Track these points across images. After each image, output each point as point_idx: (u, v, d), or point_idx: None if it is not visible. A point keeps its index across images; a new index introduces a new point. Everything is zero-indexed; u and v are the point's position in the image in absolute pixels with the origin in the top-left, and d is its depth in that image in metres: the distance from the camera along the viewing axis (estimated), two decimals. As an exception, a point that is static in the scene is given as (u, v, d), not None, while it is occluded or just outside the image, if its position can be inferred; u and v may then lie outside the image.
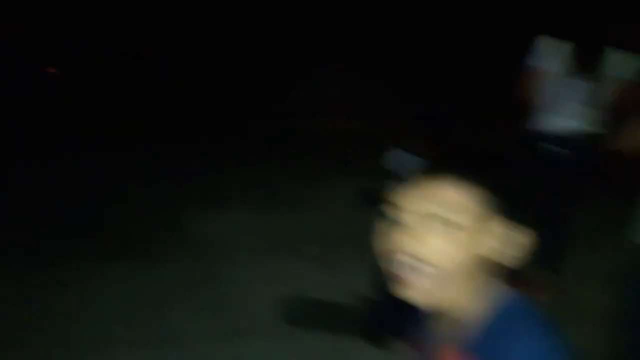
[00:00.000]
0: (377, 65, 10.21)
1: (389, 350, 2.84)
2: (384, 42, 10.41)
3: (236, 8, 10.04)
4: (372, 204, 1.00)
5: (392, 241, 0.90)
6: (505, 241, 0.91)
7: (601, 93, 3.09)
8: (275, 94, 9.55)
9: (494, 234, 0.90)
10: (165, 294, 3.54)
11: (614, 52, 3.07)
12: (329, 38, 10.23)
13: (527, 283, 2.67)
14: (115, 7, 10.07)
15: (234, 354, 2.92)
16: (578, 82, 3.07)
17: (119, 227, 4.57)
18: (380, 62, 10.21)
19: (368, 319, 3.00)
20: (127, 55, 9.94)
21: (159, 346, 2.99)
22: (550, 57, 3.13)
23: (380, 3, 10.19)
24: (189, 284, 3.67)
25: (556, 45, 3.14)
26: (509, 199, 0.92)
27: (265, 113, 8.89)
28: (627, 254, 2.35)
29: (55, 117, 8.15)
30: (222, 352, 2.93)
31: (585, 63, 3.06)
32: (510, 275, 0.94)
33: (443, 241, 0.87)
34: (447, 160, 0.93)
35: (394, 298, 0.93)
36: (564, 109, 3.12)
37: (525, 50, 3.20)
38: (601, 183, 4.99)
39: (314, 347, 2.97)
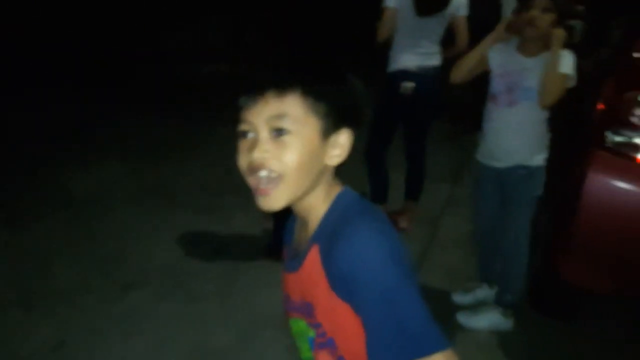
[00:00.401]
0: (250, 9, 10.11)
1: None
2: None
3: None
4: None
5: (243, 156, 0.99)
6: (340, 147, 1.02)
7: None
8: (146, 38, 9.15)
9: (331, 140, 1.00)
10: (47, 253, 3.49)
11: None
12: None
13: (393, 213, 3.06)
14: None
15: (125, 307, 2.99)
16: (427, 20, 3.43)
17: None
18: (253, 7, 10.11)
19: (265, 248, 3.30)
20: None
21: (48, 304, 3.00)
22: None
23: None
24: (70, 241, 3.64)
25: None
26: (346, 108, 1.01)
27: (137, 57, 8.53)
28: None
29: None
30: (113, 307, 2.99)
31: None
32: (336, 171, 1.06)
33: (282, 148, 0.96)
34: (295, 71, 1.02)
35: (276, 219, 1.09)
36: (417, 47, 3.48)
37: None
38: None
39: (205, 291, 3.14)
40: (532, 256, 2.76)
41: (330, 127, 1.00)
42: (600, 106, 2.47)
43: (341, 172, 1.08)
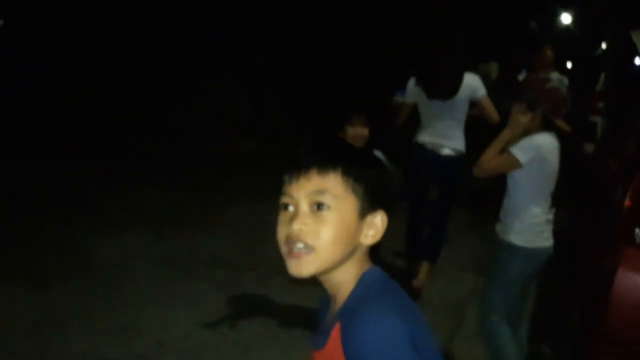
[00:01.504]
0: (274, 88, 10.45)
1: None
2: (282, 67, 10.66)
3: (125, 24, 9.81)
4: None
5: (283, 227, 1.04)
6: (375, 227, 1.06)
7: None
8: (168, 114, 9.47)
9: (367, 220, 1.05)
10: (63, 321, 3.47)
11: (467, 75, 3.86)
12: (226, 58, 10.28)
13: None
14: None
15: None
16: (442, 105, 3.80)
17: (9, 252, 4.39)
18: (277, 85, 10.46)
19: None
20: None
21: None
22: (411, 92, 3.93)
23: (276, 28, 10.44)
24: (89, 307, 3.64)
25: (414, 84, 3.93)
26: (381, 191, 1.07)
27: (157, 133, 8.79)
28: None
29: None
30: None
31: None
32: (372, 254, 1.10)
33: (320, 222, 1.00)
34: (334, 153, 1.08)
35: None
36: (435, 128, 3.86)
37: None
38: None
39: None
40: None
41: (367, 207, 1.05)
42: (629, 203, 2.48)
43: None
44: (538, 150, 2.55)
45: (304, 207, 1.02)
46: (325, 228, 1.01)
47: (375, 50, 11.09)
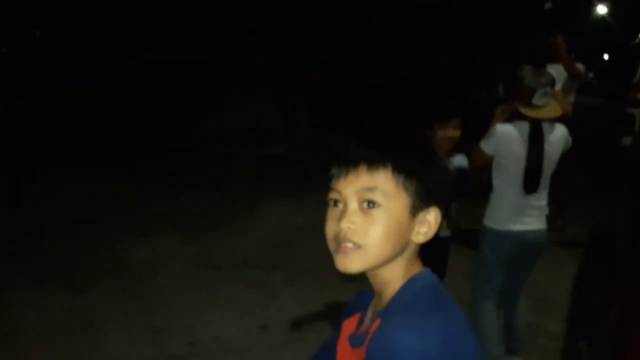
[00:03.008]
0: (298, 92, 10.47)
1: None
2: (306, 71, 10.69)
3: (158, 30, 9.97)
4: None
5: (331, 224, 1.01)
6: (428, 224, 1.02)
7: None
8: (197, 118, 9.57)
9: (419, 217, 1.01)
10: (97, 322, 3.54)
11: None
12: (251, 63, 10.36)
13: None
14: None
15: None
16: None
17: (44, 254, 4.50)
18: (302, 90, 10.48)
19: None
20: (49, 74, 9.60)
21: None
22: None
23: (303, 32, 10.48)
24: (122, 309, 3.69)
25: None
26: (435, 188, 1.02)
27: (187, 138, 8.90)
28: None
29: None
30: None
31: None
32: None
33: (369, 221, 0.97)
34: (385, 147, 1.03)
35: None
36: None
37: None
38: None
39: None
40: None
41: (419, 204, 1.01)
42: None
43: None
44: (498, 139, 2.74)
45: (353, 204, 0.99)
46: (375, 227, 0.98)
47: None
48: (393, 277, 1.03)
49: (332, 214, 1.03)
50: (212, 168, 7.67)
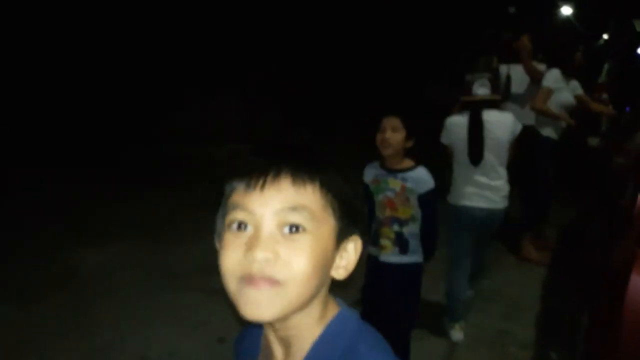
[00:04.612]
0: (263, 89, 10.29)
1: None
2: (270, 67, 10.54)
3: (116, 28, 9.65)
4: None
5: (236, 256, 0.77)
6: (347, 256, 0.84)
7: None
8: (156, 118, 9.28)
9: (341, 248, 0.83)
10: (44, 338, 3.29)
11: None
12: (212, 61, 10.13)
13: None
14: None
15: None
16: None
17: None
18: (267, 87, 10.31)
19: None
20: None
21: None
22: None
23: (269, 30, 10.32)
24: (71, 323, 3.45)
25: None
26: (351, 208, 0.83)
27: (146, 138, 8.61)
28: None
29: None
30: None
31: None
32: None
33: (293, 249, 0.76)
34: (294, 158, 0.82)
35: None
36: None
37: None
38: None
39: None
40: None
41: (343, 231, 0.82)
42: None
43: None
44: (448, 128, 3.28)
45: (270, 227, 0.76)
46: (301, 257, 0.76)
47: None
48: (308, 322, 0.82)
49: (235, 240, 0.78)
50: (171, 169, 7.40)
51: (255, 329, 0.93)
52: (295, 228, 0.76)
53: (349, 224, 0.82)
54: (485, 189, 3.19)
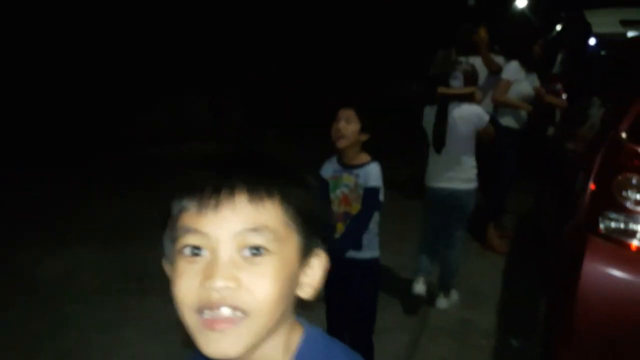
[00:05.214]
0: (227, 87, 10.22)
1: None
2: (234, 65, 10.48)
3: (82, 28, 9.44)
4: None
5: (192, 285, 0.70)
6: (312, 273, 0.78)
7: None
8: (120, 119, 9.12)
9: (306, 265, 0.77)
10: (11, 341, 3.23)
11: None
12: (177, 61, 10.01)
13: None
14: None
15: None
16: None
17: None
18: (231, 84, 10.24)
19: None
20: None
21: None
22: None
23: (233, 26, 10.25)
24: (31, 332, 3.37)
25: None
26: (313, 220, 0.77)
27: (110, 139, 8.45)
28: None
29: None
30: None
31: None
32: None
33: (256, 274, 0.70)
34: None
35: None
36: None
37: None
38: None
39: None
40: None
41: (306, 247, 0.76)
42: (593, 188, 2.35)
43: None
44: (424, 116, 3.67)
45: (230, 252, 0.69)
46: (265, 283, 0.69)
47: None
48: (274, 353, 0.76)
49: (189, 267, 0.71)
50: (136, 169, 7.28)
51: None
52: (256, 250, 0.70)
53: (312, 238, 0.77)
54: (450, 171, 3.51)
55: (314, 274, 0.79)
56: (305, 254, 0.76)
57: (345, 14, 11.65)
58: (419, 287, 3.67)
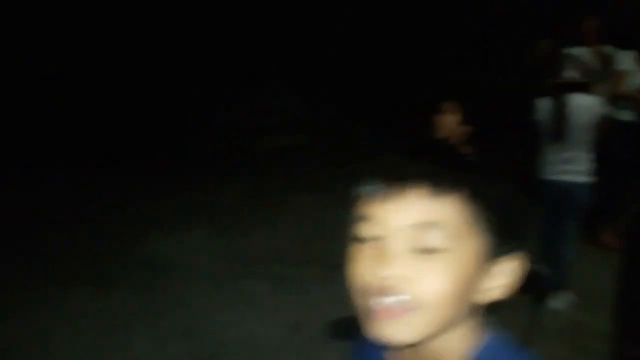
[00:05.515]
0: (320, 81, 10.32)
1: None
2: (324, 58, 10.55)
3: (178, 24, 9.87)
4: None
5: (364, 268, 0.72)
6: (505, 277, 0.75)
7: None
8: (218, 112, 9.47)
9: (494, 268, 0.74)
10: (125, 321, 3.47)
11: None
12: (270, 54, 10.23)
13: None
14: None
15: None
16: None
17: (70, 253, 4.44)
18: (323, 78, 10.33)
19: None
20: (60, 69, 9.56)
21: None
22: None
23: (323, 19, 10.32)
24: (148, 310, 3.61)
25: None
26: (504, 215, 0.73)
27: (205, 131, 8.81)
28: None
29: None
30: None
31: None
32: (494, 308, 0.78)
33: (427, 269, 0.69)
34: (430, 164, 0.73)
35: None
36: None
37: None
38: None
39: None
40: None
41: (495, 250, 0.73)
42: None
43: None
44: (536, 107, 3.54)
45: (403, 243, 0.69)
46: (434, 277, 0.69)
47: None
48: (455, 346, 0.76)
49: (363, 252, 0.72)
50: (231, 160, 7.55)
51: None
52: (429, 245, 0.69)
53: (503, 241, 0.73)
54: (567, 164, 3.43)
55: (504, 279, 0.75)
56: (492, 257, 0.73)
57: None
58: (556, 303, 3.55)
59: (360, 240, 0.73)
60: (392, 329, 0.70)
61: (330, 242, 4.46)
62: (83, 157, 7.22)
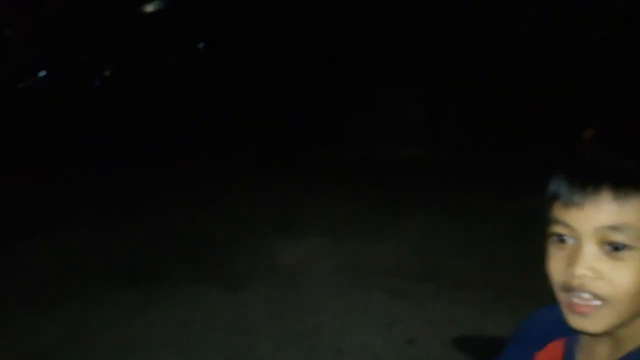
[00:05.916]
0: (444, 92, 10.18)
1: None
2: (450, 69, 10.38)
3: (304, 31, 10.23)
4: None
5: (558, 267, 0.81)
6: None
7: None
8: (343, 121, 9.66)
9: None
10: (250, 321, 3.70)
11: None
12: (397, 65, 10.24)
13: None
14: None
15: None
16: None
17: (206, 252, 4.81)
18: (447, 89, 10.18)
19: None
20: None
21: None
22: None
23: (449, 32, 10.17)
24: (274, 310, 3.82)
25: None
26: None
27: (335, 141, 9.02)
28: None
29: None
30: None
31: None
32: None
33: (615, 268, 0.77)
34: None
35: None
36: None
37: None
38: None
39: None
40: None
41: None
42: None
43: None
44: None
45: (591, 246, 0.77)
46: (623, 276, 0.76)
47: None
48: (637, 336, 0.83)
49: (557, 252, 0.82)
50: (354, 170, 7.67)
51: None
52: (617, 246, 0.76)
53: None
54: None
55: None
56: None
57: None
58: None
59: (555, 240, 0.82)
60: (585, 322, 0.80)
61: (445, 258, 4.44)
62: (213, 159, 7.74)
